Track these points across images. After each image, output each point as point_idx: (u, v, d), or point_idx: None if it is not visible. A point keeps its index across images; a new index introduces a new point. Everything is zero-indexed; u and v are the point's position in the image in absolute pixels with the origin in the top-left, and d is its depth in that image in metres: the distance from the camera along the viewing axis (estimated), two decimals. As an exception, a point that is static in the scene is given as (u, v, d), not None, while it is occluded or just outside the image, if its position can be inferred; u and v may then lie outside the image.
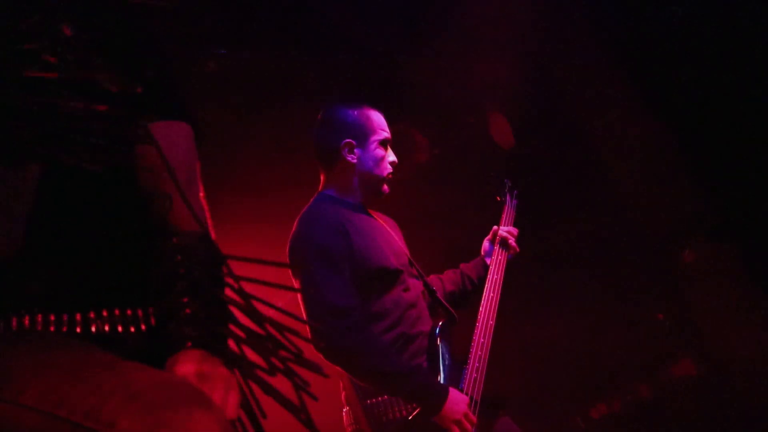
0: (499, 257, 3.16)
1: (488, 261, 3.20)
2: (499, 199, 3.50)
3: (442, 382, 2.71)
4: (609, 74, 5.02)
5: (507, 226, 3.32)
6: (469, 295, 3.14)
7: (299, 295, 2.71)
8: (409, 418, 2.61)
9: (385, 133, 2.98)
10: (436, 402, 2.59)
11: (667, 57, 4.67)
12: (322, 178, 2.99)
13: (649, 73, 4.78)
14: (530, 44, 4.83)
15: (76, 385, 1.26)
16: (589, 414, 5.21)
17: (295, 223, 2.81)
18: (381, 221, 3.02)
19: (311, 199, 2.92)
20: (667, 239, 5.21)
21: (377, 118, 2.99)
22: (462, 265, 3.27)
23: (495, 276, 3.10)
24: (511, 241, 3.22)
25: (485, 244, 3.28)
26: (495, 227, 3.29)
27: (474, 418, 2.64)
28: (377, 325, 2.70)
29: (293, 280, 2.75)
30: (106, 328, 1.39)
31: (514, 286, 5.03)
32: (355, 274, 2.70)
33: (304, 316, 2.66)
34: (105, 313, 1.40)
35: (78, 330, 1.38)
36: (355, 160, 2.90)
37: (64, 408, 1.24)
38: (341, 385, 2.80)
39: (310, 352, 2.62)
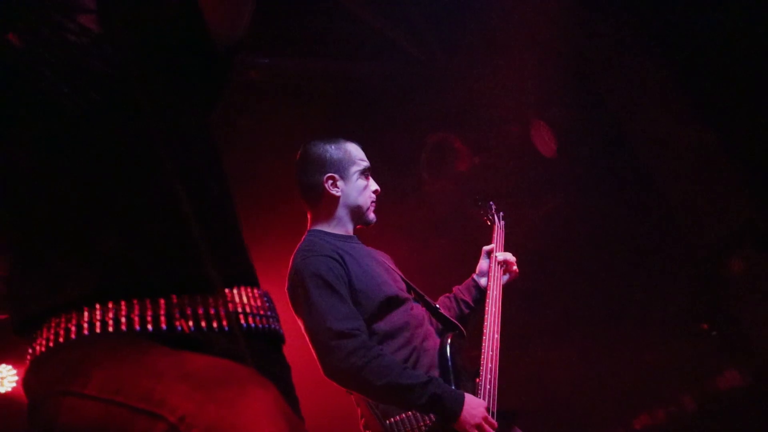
0: (497, 274, 3.21)
1: (483, 281, 3.25)
2: (488, 222, 3.54)
3: (456, 391, 2.78)
4: (655, 78, 4.96)
5: (499, 248, 3.37)
6: (466, 318, 3.19)
7: (303, 327, 2.76)
8: (426, 429, 2.63)
9: (365, 163, 3.04)
10: (454, 408, 2.61)
11: (717, 59, 4.60)
12: (309, 215, 3.05)
13: (699, 76, 4.72)
14: (573, 49, 4.80)
15: (133, 371, 1.31)
16: (632, 425, 5.15)
17: (291, 260, 2.87)
18: (373, 250, 3.07)
19: (302, 237, 2.96)
20: (714, 247, 5.12)
21: (355, 149, 3.05)
22: (455, 289, 3.31)
23: (495, 292, 3.16)
24: (512, 267, 3.24)
25: (480, 263, 3.30)
26: (486, 247, 3.33)
27: (494, 423, 2.67)
28: (389, 345, 2.75)
29: (296, 318, 2.79)
30: (191, 324, 1.39)
31: (552, 297, 5.07)
32: (356, 300, 2.75)
33: (311, 345, 2.70)
34: (189, 311, 1.40)
35: (163, 326, 1.37)
36: (339, 193, 2.96)
37: (122, 394, 1.29)
38: (359, 412, 2.84)
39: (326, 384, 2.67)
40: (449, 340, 2.85)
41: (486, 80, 4.98)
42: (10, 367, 5.18)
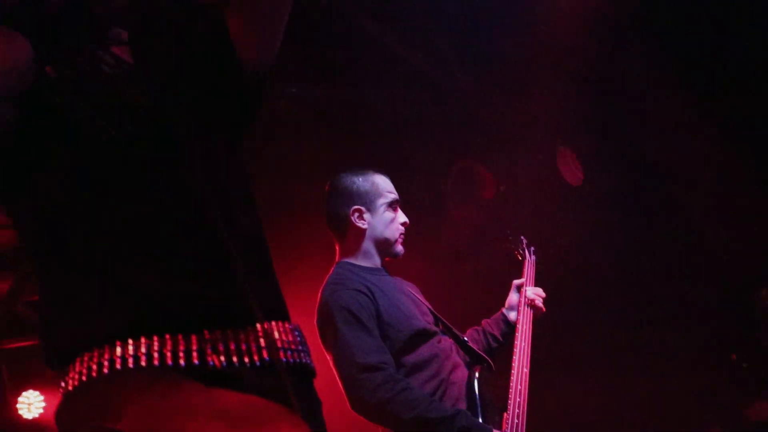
0: (527, 309, 3.21)
1: (512, 315, 3.23)
2: (519, 257, 3.54)
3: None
4: (683, 105, 4.94)
5: (530, 282, 3.36)
6: (494, 352, 3.17)
7: (331, 361, 2.76)
8: None
9: (393, 195, 3.04)
10: None
11: (744, 85, 4.58)
12: (337, 247, 3.05)
13: (726, 103, 4.69)
14: (600, 76, 4.80)
15: (166, 407, 1.32)
16: (661, 456, 5.07)
17: (320, 292, 2.88)
18: (402, 282, 3.07)
19: (330, 270, 2.97)
20: (744, 276, 5.07)
21: (382, 181, 3.05)
22: (484, 322, 3.30)
23: (524, 326, 3.15)
24: (538, 303, 3.23)
25: (510, 297, 3.29)
26: (516, 281, 3.32)
27: None
28: (417, 377, 2.74)
29: (325, 351, 2.80)
30: (223, 359, 1.38)
31: (578, 326, 5.02)
32: (384, 333, 2.75)
33: (338, 379, 2.71)
34: (221, 346, 1.39)
35: (195, 361, 1.37)
36: (366, 226, 2.96)
37: (155, 431, 1.29)
38: None
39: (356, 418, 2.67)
40: (477, 374, 2.84)
41: (512, 107, 4.98)
42: (37, 393, 5.23)
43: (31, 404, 5.20)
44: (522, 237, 3.64)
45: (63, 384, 1.43)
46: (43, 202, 1.50)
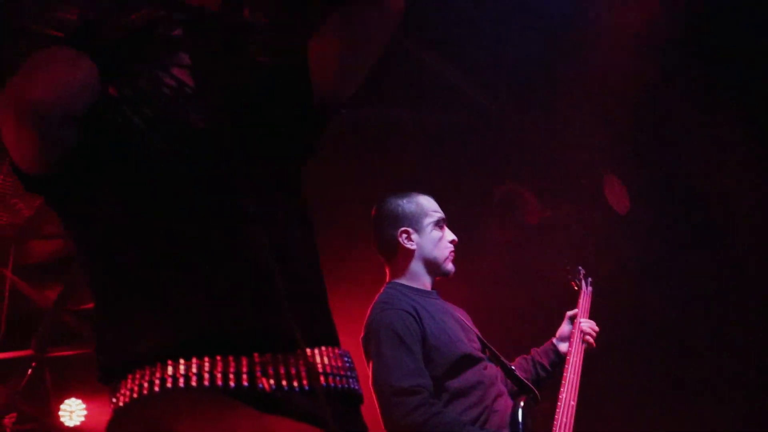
0: (579, 342, 3.17)
1: (563, 346, 3.21)
2: (576, 287, 3.50)
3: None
4: (732, 134, 4.88)
5: (584, 314, 3.34)
6: (541, 382, 3.14)
7: (370, 379, 2.76)
8: None
9: (438, 214, 3.06)
10: None
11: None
12: (387, 271, 3.07)
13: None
14: (648, 102, 4.75)
15: (215, 430, 1.33)
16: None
17: (368, 311, 2.89)
18: (451, 307, 3.07)
19: (380, 290, 2.99)
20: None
21: (427, 201, 3.09)
22: (533, 351, 3.28)
23: (575, 359, 3.13)
24: (589, 338, 3.20)
25: (562, 328, 3.26)
26: (569, 312, 3.29)
27: None
28: (460, 402, 2.73)
29: (366, 367, 2.80)
30: (272, 383, 1.39)
31: (624, 358, 4.95)
32: (429, 356, 2.75)
33: (375, 398, 2.71)
34: (271, 370, 1.40)
35: (245, 383, 1.38)
36: (414, 246, 2.99)
37: None
38: None
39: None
40: (522, 403, 2.82)
41: (558, 132, 4.96)
42: (79, 401, 5.31)
43: (73, 412, 5.28)
44: (580, 267, 3.62)
45: (114, 400, 1.45)
46: (99, 220, 1.53)
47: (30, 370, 5.03)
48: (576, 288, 3.53)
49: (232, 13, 1.72)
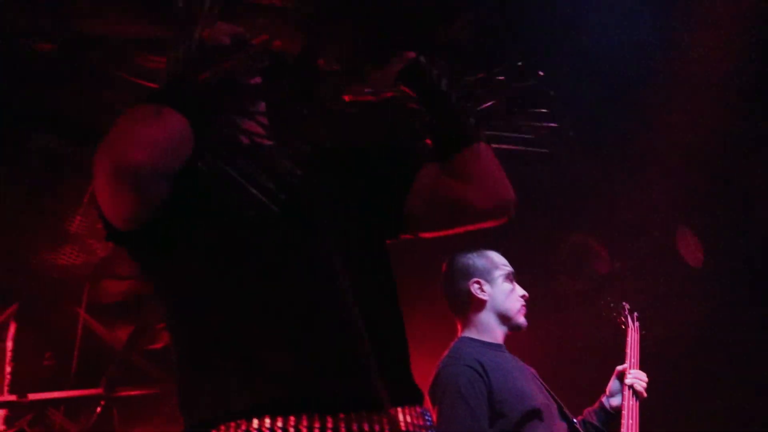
0: (631, 402, 3.09)
1: (613, 401, 3.16)
2: (623, 326, 3.43)
3: None
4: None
5: (634, 354, 3.25)
6: None
7: None
8: None
9: (508, 268, 3.12)
10: None
11: None
12: (458, 325, 3.09)
13: None
14: (720, 153, 4.66)
15: None
16: None
17: (436, 366, 2.91)
18: (521, 363, 3.07)
19: (451, 344, 3.00)
20: None
21: (496, 255, 3.16)
22: (585, 411, 3.24)
23: (630, 421, 3.07)
24: (639, 388, 3.12)
25: (611, 384, 3.19)
26: (619, 367, 3.23)
27: None
28: None
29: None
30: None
31: (694, 415, 4.79)
32: (498, 410, 2.74)
33: None
34: (355, 427, 1.42)
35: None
36: (487, 297, 3.02)
37: None
38: None
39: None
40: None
41: (628, 183, 4.89)
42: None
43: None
44: (625, 303, 3.57)
45: None
46: (186, 275, 1.55)
47: (99, 409, 5.10)
48: (623, 327, 3.45)
49: (309, 61, 1.76)
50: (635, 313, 3.53)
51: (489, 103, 1.77)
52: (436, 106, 1.73)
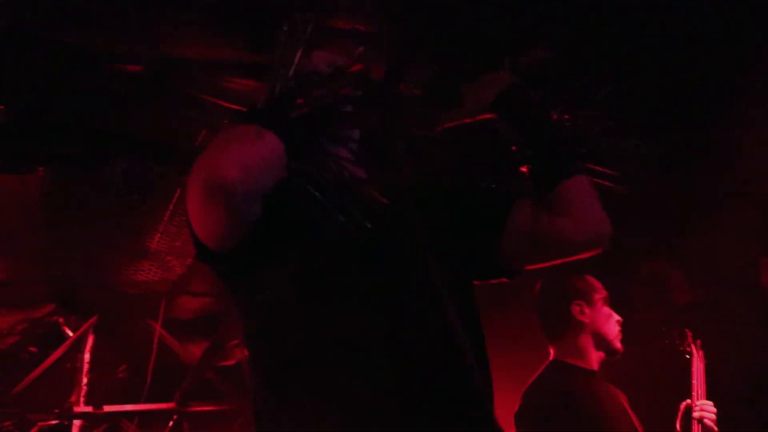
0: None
1: None
2: (687, 355, 3.30)
3: None
4: None
5: (700, 385, 3.14)
6: None
7: None
8: None
9: (604, 292, 3.08)
10: None
11: None
12: (551, 349, 3.03)
13: None
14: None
15: None
16: None
17: (524, 391, 2.83)
18: (612, 391, 3.01)
19: (541, 368, 2.91)
20: None
21: (592, 279, 3.11)
22: None
23: None
24: (709, 423, 3.00)
25: (679, 423, 3.10)
26: (683, 403, 3.10)
27: None
28: None
29: None
30: None
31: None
32: None
33: None
34: None
35: None
36: (587, 320, 2.98)
37: None
38: None
39: None
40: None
41: (711, 210, 4.77)
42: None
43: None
44: (687, 330, 3.45)
45: None
46: (272, 296, 1.55)
47: (171, 423, 5.17)
48: (687, 356, 3.33)
49: (393, 86, 1.76)
50: (698, 341, 3.41)
51: (582, 131, 1.74)
52: (537, 135, 1.69)
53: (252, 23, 2.79)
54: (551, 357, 3.02)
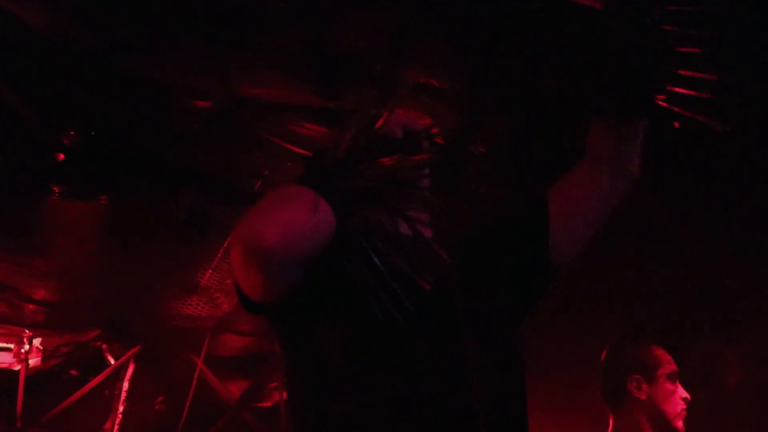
0: None
1: None
2: None
3: None
4: None
5: None
6: None
7: None
8: None
9: (672, 367, 2.96)
10: None
11: None
12: (610, 420, 2.96)
13: None
14: None
15: None
16: None
17: None
18: None
19: None
20: None
21: (660, 351, 3.00)
22: None
23: None
24: None
25: None
26: None
27: None
28: None
29: None
30: None
31: None
32: None
33: None
34: None
35: None
36: (644, 396, 2.88)
37: None
38: None
39: None
40: None
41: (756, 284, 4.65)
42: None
43: None
44: None
45: None
46: (317, 352, 1.52)
47: (205, 460, 5.15)
48: None
49: (463, 144, 1.74)
50: None
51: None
52: (646, 35, 1.60)
53: (328, 70, 2.81)
54: (609, 429, 2.94)
